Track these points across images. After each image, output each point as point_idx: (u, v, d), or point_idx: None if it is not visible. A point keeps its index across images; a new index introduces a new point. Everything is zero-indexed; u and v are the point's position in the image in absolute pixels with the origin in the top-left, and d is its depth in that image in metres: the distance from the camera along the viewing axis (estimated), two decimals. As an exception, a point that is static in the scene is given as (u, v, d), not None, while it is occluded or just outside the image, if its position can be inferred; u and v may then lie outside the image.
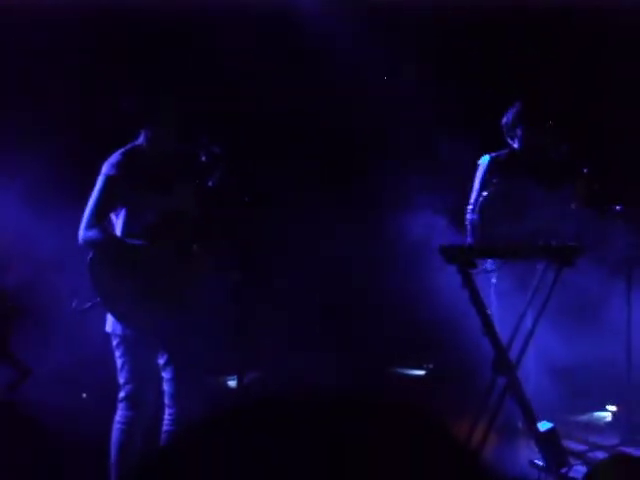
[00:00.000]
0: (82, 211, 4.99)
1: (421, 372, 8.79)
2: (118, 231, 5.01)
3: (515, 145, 6.76)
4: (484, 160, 6.73)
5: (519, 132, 6.71)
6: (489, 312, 5.77)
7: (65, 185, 6.78)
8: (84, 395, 7.06)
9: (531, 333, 5.81)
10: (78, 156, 6.99)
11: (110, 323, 5.01)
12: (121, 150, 5.07)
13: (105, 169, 4.99)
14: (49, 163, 6.90)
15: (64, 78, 7.49)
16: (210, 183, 5.30)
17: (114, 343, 5.04)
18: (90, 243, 4.88)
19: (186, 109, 5.22)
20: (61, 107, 7.44)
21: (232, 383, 7.75)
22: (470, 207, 6.63)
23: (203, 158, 5.24)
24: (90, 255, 4.84)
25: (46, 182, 6.88)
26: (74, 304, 5.05)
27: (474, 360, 6.37)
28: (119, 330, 4.96)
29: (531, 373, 6.66)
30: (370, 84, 8.27)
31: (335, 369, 7.97)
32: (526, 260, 6.04)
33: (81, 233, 4.90)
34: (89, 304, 5.02)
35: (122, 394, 5.07)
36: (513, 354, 5.68)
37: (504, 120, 6.75)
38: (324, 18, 7.97)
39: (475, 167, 6.77)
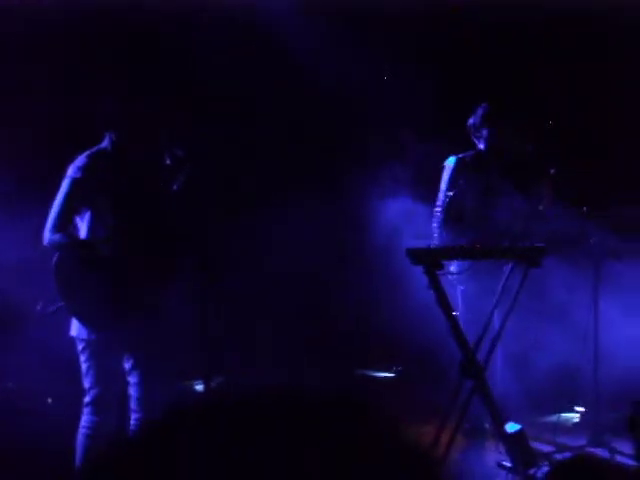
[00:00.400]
0: (43, 215, 4.95)
1: (390, 374, 8.79)
2: (83, 234, 4.97)
3: (481, 146, 6.77)
4: (450, 161, 6.74)
5: (485, 133, 6.72)
6: (456, 314, 5.77)
7: (24, 189, 6.75)
8: (49, 400, 7.00)
9: (498, 334, 5.82)
10: (39, 160, 6.97)
11: (75, 327, 4.97)
12: (86, 153, 5.04)
13: (70, 171, 4.96)
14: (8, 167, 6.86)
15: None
16: (174, 186, 5.27)
17: (79, 347, 5.00)
18: (55, 246, 4.84)
19: (152, 113, 5.19)
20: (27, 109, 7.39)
21: (199, 387, 7.71)
22: (437, 208, 6.64)
23: (167, 161, 5.21)
24: (55, 258, 4.80)
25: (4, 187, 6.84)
26: (38, 307, 5.01)
27: (442, 362, 6.38)
28: (84, 334, 4.92)
29: (498, 374, 6.67)
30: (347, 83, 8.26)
31: (303, 371, 7.96)
32: (493, 261, 6.05)
33: (46, 235, 4.87)
34: (54, 308, 4.98)
35: (87, 399, 5.03)
36: (481, 356, 5.69)
37: (470, 121, 6.76)
38: (301, 18, 7.97)
39: (441, 169, 6.78)
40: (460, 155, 6.77)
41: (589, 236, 6.58)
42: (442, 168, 6.76)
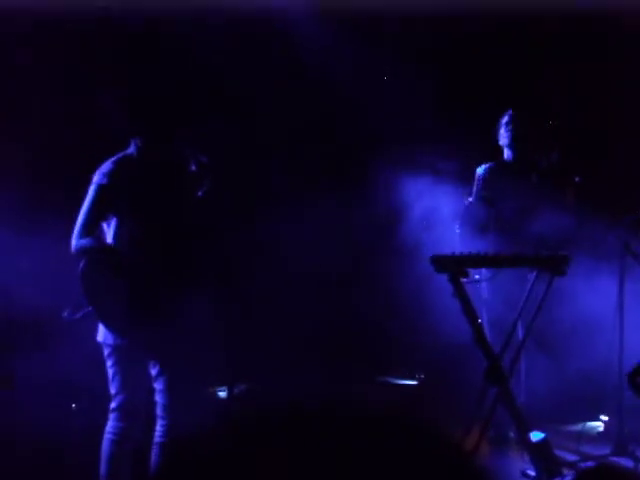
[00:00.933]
0: (67, 223, 4.97)
1: (413, 382, 8.77)
2: (109, 240, 4.98)
3: (507, 154, 6.79)
4: (478, 170, 6.79)
5: (507, 141, 6.74)
6: (480, 321, 5.76)
7: (45, 198, 6.79)
8: (73, 406, 7.02)
9: (523, 343, 5.81)
10: (61, 170, 7.00)
11: (102, 333, 4.98)
12: (112, 159, 5.06)
13: (96, 178, 4.97)
14: (31, 178, 6.90)
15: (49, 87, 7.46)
16: (199, 193, 5.28)
17: (105, 353, 5.01)
18: (82, 252, 4.85)
19: (177, 119, 5.20)
20: (44, 119, 7.41)
21: (222, 394, 7.73)
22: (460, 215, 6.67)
23: (193, 168, 5.22)
24: (82, 264, 4.81)
25: (28, 195, 6.87)
26: (65, 314, 5.02)
27: (466, 370, 6.36)
28: (110, 340, 4.94)
29: (522, 382, 6.66)
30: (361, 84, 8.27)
31: (326, 379, 7.95)
32: (517, 270, 6.03)
33: (73, 242, 4.88)
34: (80, 314, 4.99)
35: (113, 405, 5.04)
36: (505, 364, 5.67)
37: (497, 128, 6.79)
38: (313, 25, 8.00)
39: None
40: (488, 164, 6.79)
41: (613, 242, 6.54)
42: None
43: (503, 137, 6.80)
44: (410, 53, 8.28)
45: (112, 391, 5.04)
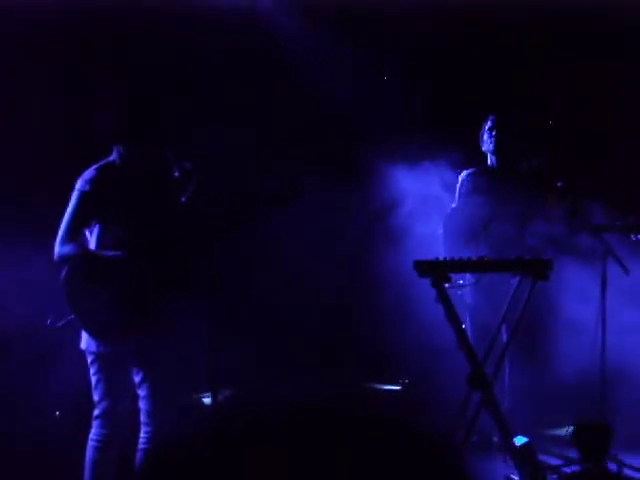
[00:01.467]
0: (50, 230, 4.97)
1: (397, 387, 8.77)
2: (92, 247, 4.98)
3: (491, 159, 6.81)
4: (461, 175, 6.81)
5: (490, 147, 6.76)
6: (464, 326, 5.77)
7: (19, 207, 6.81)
8: (57, 413, 7.00)
9: (507, 347, 5.82)
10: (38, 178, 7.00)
11: (84, 340, 4.97)
12: (95, 166, 5.05)
13: (79, 185, 4.97)
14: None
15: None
16: (183, 199, 5.28)
17: (88, 360, 5.01)
18: (65, 259, 4.84)
19: (160, 125, 5.19)
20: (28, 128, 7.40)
21: (206, 400, 7.71)
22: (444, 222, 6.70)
23: (176, 174, 5.21)
24: (64, 271, 4.80)
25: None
26: (48, 322, 5.01)
27: (450, 375, 6.36)
28: (93, 347, 4.93)
29: (506, 387, 6.68)
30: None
31: (309, 384, 7.94)
32: (500, 274, 6.05)
33: (56, 249, 4.87)
34: (63, 321, 4.98)
35: (97, 412, 5.03)
36: (489, 369, 5.68)
37: (480, 133, 6.82)
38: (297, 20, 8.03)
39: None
40: (471, 169, 6.81)
41: (595, 248, 6.56)
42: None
43: (487, 143, 6.82)
44: (406, 52, 8.29)
45: (95, 398, 5.03)
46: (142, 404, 5.01)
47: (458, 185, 6.85)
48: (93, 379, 5.02)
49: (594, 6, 7.57)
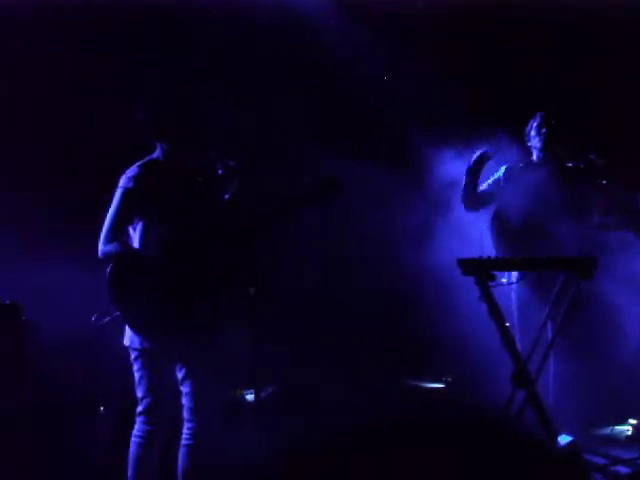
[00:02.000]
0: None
1: (440, 385, 8.74)
2: (135, 244, 4.99)
3: (535, 155, 6.77)
4: (504, 166, 6.75)
5: (538, 143, 6.71)
6: (508, 325, 5.74)
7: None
8: (102, 409, 7.05)
9: (551, 344, 5.80)
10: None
11: (128, 337, 4.99)
12: (138, 163, 5.07)
13: (122, 182, 4.98)
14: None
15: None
16: (227, 196, 5.29)
17: (132, 357, 5.02)
18: (109, 256, 4.85)
19: (203, 123, 5.20)
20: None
21: (249, 397, 7.72)
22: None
23: (220, 172, 5.22)
24: (109, 269, 4.82)
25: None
26: (93, 318, 5.05)
27: (494, 373, 6.34)
28: (137, 343, 4.95)
29: (551, 385, 6.64)
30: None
31: (351, 382, 7.94)
32: (545, 273, 6.02)
33: (100, 247, 4.89)
34: (108, 318, 5.02)
35: (140, 408, 5.04)
36: (533, 366, 5.65)
37: (526, 130, 6.77)
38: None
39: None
40: (510, 164, 6.76)
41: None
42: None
43: (534, 139, 6.77)
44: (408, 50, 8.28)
45: (139, 395, 5.04)
46: (185, 401, 5.01)
47: (500, 175, 6.77)
48: (136, 375, 5.03)
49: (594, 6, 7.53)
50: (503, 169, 6.78)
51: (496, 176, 6.78)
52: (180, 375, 5.01)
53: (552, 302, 5.73)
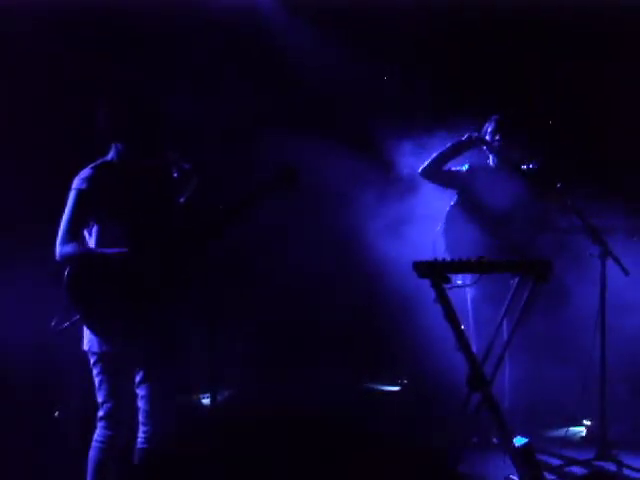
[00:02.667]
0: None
1: (395, 388, 8.77)
2: (91, 246, 4.96)
3: (491, 157, 6.80)
4: (461, 168, 6.80)
5: (496, 144, 6.73)
6: (463, 327, 5.77)
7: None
8: (56, 413, 7.02)
9: (506, 346, 5.83)
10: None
11: (87, 340, 4.96)
12: (91, 165, 5.03)
13: (76, 183, 4.94)
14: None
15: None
16: (182, 199, 5.28)
17: (91, 361, 4.98)
18: (67, 258, 4.82)
19: (157, 123, 5.17)
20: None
21: (205, 401, 7.72)
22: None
23: (175, 174, 5.21)
24: (67, 271, 4.79)
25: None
26: (52, 323, 5.00)
27: (449, 375, 6.37)
28: (96, 347, 4.91)
29: (506, 387, 6.68)
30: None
31: (308, 385, 7.95)
32: (501, 275, 6.05)
33: (57, 249, 4.85)
34: (67, 323, 4.98)
35: (101, 413, 5.00)
36: (488, 368, 5.68)
37: (482, 132, 6.80)
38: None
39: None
40: (473, 165, 6.81)
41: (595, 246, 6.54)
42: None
43: (491, 143, 6.79)
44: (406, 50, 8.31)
45: (99, 399, 4.99)
46: (141, 404, 4.99)
47: (458, 176, 6.82)
48: (96, 380, 4.99)
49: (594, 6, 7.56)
50: (467, 166, 6.84)
51: (462, 168, 6.84)
52: (137, 378, 4.99)
53: (507, 304, 5.76)
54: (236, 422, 6.72)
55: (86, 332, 4.94)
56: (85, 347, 4.98)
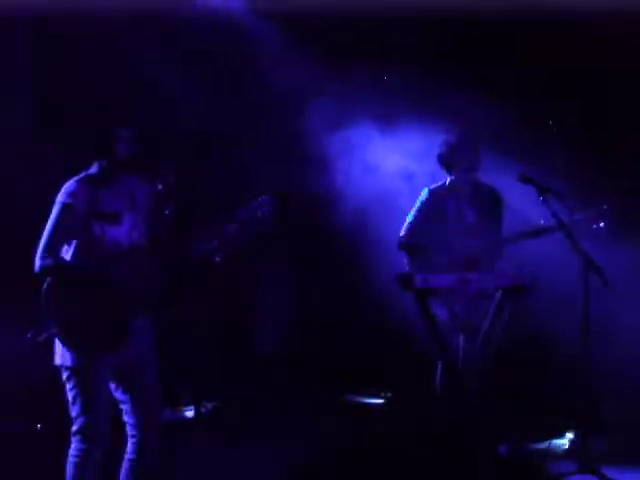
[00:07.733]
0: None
1: (379, 400, 8.75)
2: (68, 259, 4.96)
3: (454, 174, 6.72)
4: (423, 192, 6.72)
5: (464, 164, 6.66)
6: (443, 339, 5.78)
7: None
8: (38, 426, 7.00)
9: (483, 360, 5.85)
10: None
11: (59, 355, 4.93)
12: (76, 178, 5.04)
13: (60, 197, 4.96)
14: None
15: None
16: (166, 212, 5.29)
17: (64, 376, 4.95)
18: (46, 271, 4.83)
19: (142, 139, 5.19)
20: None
21: (189, 413, 7.70)
22: (402, 233, 6.68)
23: (159, 187, 5.23)
24: (45, 284, 4.79)
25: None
26: (29, 336, 4.99)
27: (432, 388, 6.38)
28: (69, 362, 4.88)
29: (490, 400, 6.69)
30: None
31: (291, 397, 7.95)
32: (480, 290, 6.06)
33: (37, 262, 4.86)
34: (45, 335, 4.96)
35: (75, 427, 4.97)
36: (472, 380, 5.70)
37: (442, 151, 6.71)
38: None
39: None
40: (433, 187, 6.74)
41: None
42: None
43: (457, 159, 6.69)
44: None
45: (73, 414, 4.95)
46: (126, 417, 5.02)
47: (419, 201, 6.74)
48: (69, 395, 4.94)
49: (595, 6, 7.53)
50: (426, 192, 6.75)
51: (418, 203, 6.75)
52: (119, 392, 5.00)
53: (489, 318, 5.77)
54: (220, 434, 6.73)
55: (58, 346, 4.93)
56: (57, 362, 4.96)
